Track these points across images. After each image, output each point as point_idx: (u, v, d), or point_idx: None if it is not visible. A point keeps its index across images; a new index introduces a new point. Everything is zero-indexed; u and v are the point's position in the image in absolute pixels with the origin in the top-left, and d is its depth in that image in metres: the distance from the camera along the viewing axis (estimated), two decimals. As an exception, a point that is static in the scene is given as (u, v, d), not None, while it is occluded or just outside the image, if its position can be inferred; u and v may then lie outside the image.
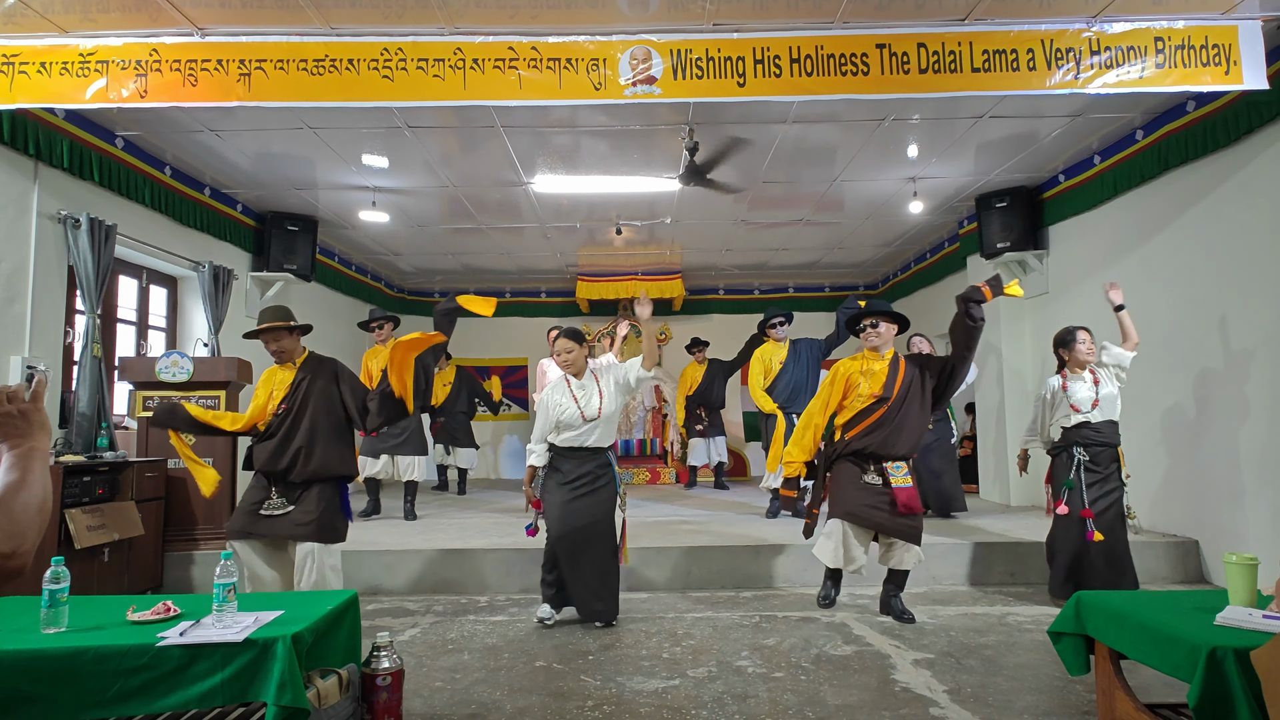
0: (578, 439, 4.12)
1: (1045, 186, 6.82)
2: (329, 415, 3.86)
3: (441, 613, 4.46)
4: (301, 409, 3.80)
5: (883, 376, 4.18)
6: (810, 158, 6.10)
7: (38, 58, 3.98)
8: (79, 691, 2.15)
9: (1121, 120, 5.51)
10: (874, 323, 4.25)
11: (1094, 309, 6.16)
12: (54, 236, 4.86)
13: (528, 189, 6.73)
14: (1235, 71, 4.07)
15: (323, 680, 2.45)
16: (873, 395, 4.16)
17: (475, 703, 3.04)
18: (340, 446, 3.90)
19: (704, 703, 3.01)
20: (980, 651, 3.62)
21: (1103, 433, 4.38)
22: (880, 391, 4.15)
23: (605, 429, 4.18)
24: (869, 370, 4.23)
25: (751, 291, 11.17)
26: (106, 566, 4.41)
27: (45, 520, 1.33)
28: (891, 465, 4.12)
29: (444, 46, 4.00)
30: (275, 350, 3.86)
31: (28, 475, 1.32)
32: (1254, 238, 4.63)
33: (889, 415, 4.13)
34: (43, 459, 1.36)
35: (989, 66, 4.00)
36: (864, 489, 4.13)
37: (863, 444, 4.15)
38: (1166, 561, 5.07)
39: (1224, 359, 4.89)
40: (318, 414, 3.82)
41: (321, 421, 3.82)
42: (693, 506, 7.29)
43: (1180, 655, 2.13)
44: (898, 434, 4.13)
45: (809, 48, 3.98)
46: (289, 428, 3.79)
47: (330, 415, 3.86)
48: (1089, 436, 4.37)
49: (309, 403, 3.82)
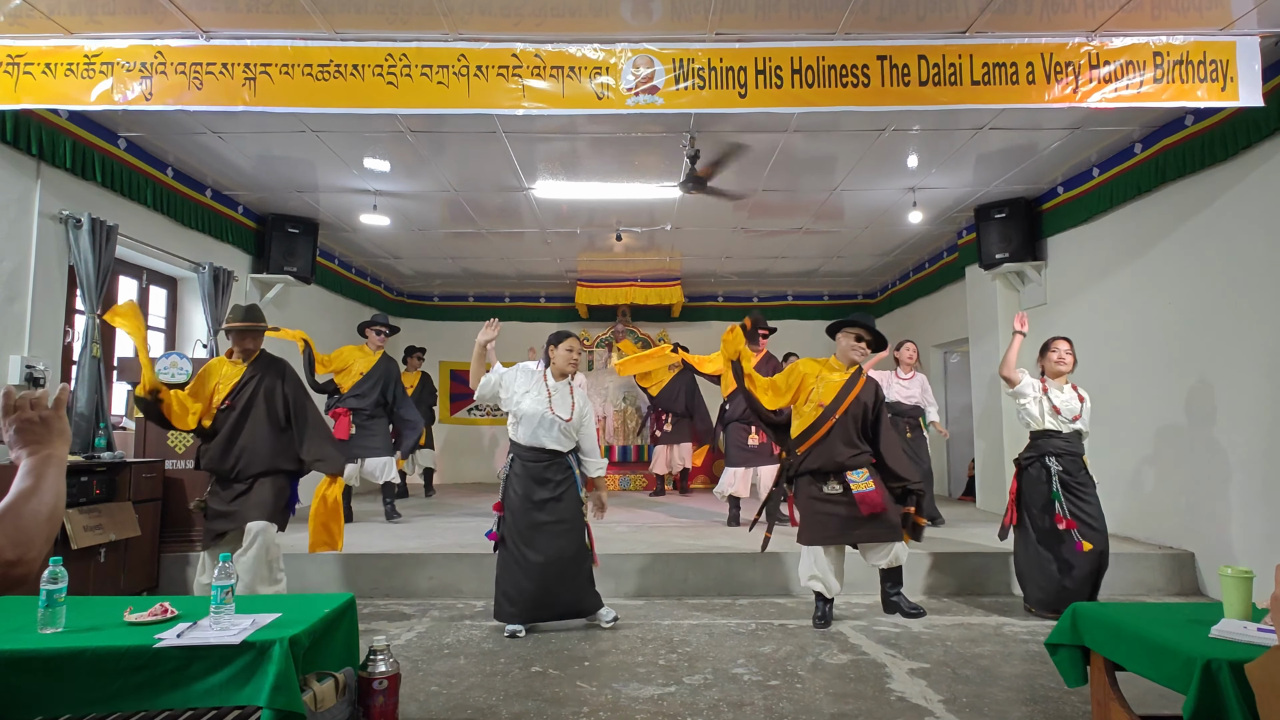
0: (540, 435, 4.08)
1: (1044, 198, 6.85)
2: (273, 415, 3.97)
3: (438, 617, 4.46)
4: (247, 408, 3.91)
5: (836, 388, 4.20)
6: (810, 166, 6.12)
7: (43, 59, 3.99)
8: (76, 691, 2.15)
9: (1121, 133, 5.54)
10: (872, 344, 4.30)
11: (1091, 320, 6.20)
12: (55, 236, 4.87)
13: (529, 194, 6.74)
14: (1232, 88, 4.10)
15: (319, 683, 2.45)
16: (820, 405, 4.16)
17: (471, 708, 3.04)
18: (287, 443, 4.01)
19: (700, 710, 3.01)
20: (976, 661, 3.63)
21: (1071, 443, 4.43)
22: (828, 403, 4.15)
23: (565, 436, 4.16)
24: (825, 378, 4.25)
25: (750, 299, 11.19)
26: (103, 567, 4.40)
27: (55, 529, 1.31)
28: (851, 473, 4.11)
29: (448, 53, 4.01)
30: (246, 349, 3.99)
31: (40, 483, 1.31)
32: (1250, 251, 4.66)
33: (832, 430, 4.15)
34: (58, 467, 1.36)
35: (989, 79, 4.03)
36: (826, 503, 4.14)
37: (815, 461, 4.18)
38: (1162, 574, 5.08)
39: (1219, 371, 4.91)
40: (263, 413, 3.93)
41: (265, 421, 3.93)
42: (687, 513, 7.30)
43: (1175, 667, 2.14)
44: (842, 446, 4.13)
45: (810, 58, 4.00)
46: (233, 426, 3.90)
47: (274, 415, 3.98)
48: (1059, 446, 4.41)
49: (255, 401, 3.93)
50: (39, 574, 1.30)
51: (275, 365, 4.08)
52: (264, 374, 4.00)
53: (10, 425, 1.34)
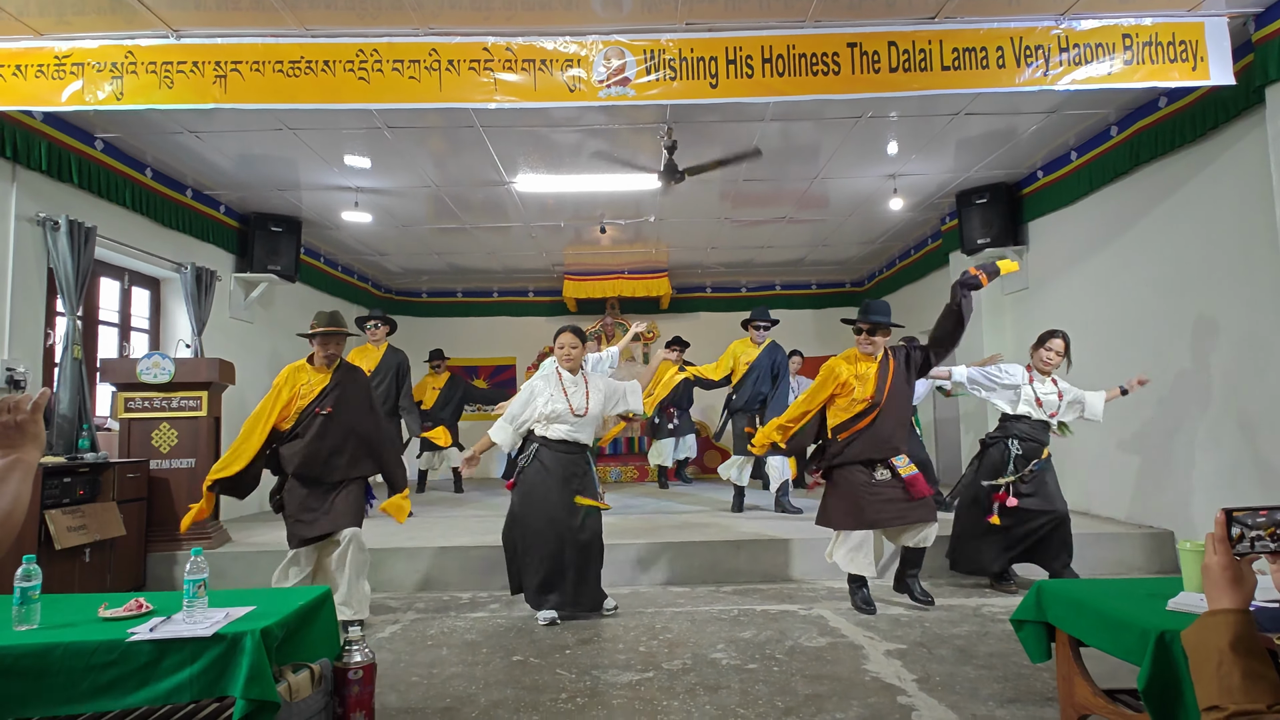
0: (570, 433, 4.18)
1: (1024, 183, 6.88)
2: (362, 421, 4.11)
3: (423, 609, 4.49)
4: (336, 412, 4.01)
5: (873, 379, 4.26)
6: (790, 155, 6.14)
7: (13, 60, 3.99)
8: (50, 687, 2.17)
9: (1097, 116, 5.56)
10: (871, 330, 4.29)
11: (1072, 304, 6.24)
12: (33, 239, 4.87)
13: (510, 188, 6.75)
14: (1202, 67, 4.13)
15: (294, 674, 2.48)
16: (866, 399, 4.22)
17: (450, 696, 3.07)
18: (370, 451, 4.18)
19: (676, 693, 3.05)
20: (952, 642, 3.67)
21: (1037, 429, 4.58)
22: (872, 396, 4.22)
23: (591, 427, 4.25)
24: (862, 375, 4.29)
25: (739, 289, 11.21)
26: (88, 567, 4.42)
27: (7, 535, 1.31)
28: (894, 459, 4.22)
29: (419, 47, 4.02)
30: (331, 354, 4.08)
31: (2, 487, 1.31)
32: (1223, 230, 4.69)
33: (880, 418, 4.22)
34: (24, 471, 1.36)
35: (959, 64, 4.05)
36: (875, 489, 4.21)
37: (860, 449, 4.23)
38: (1142, 552, 5.13)
39: (1198, 351, 4.96)
40: (350, 418, 4.06)
41: (353, 425, 4.07)
42: (675, 502, 7.34)
43: (1132, 640, 2.18)
44: (890, 431, 4.24)
45: (781, 47, 4.02)
46: (321, 429, 3.99)
47: (363, 421, 4.12)
48: (1025, 431, 4.56)
49: (342, 406, 4.04)
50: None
51: (357, 373, 4.26)
52: (349, 381, 4.15)
53: None
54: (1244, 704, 1.19)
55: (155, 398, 5.21)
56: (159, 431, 5.21)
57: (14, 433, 1.37)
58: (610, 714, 2.86)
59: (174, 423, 5.23)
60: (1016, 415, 4.57)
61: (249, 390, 6.49)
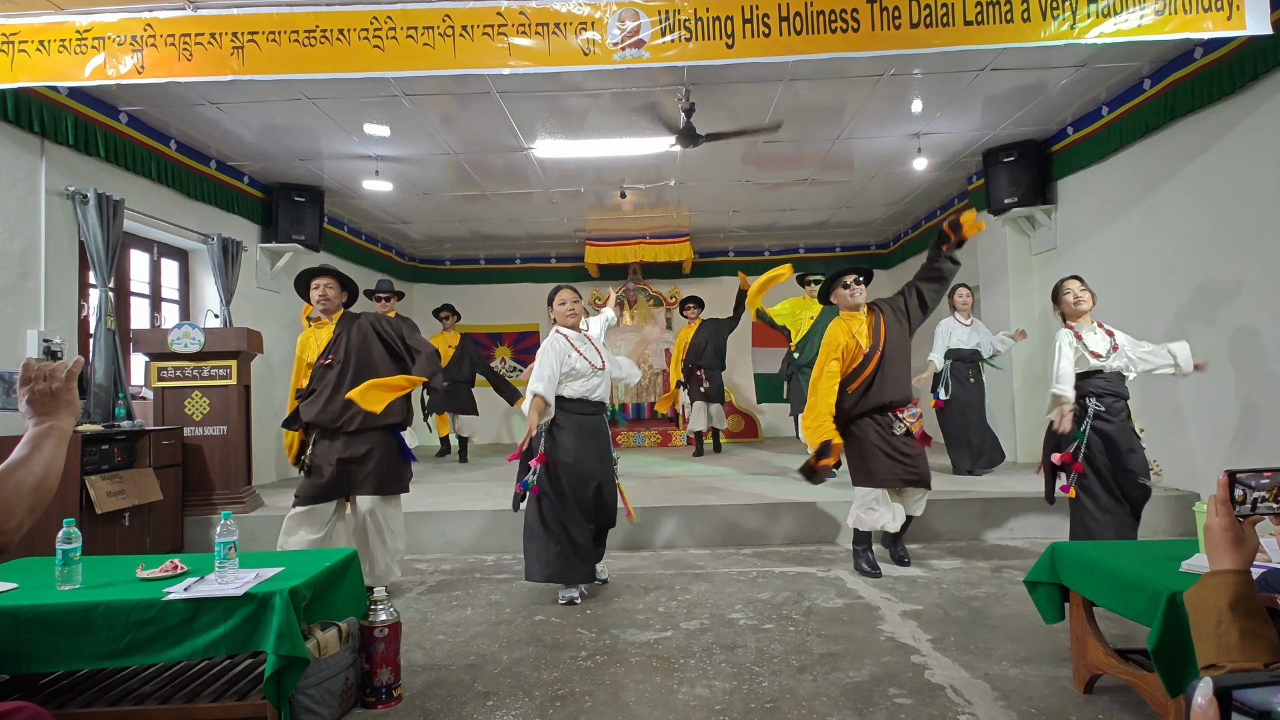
0: (588, 390, 4.04)
1: (1054, 140, 6.70)
2: (373, 365, 4.02)
3: (449, 571, 4.62)
4: (346, 361, 3.98)
5: (867, 331, 4.31)
6: (812, 115, 6.04)
7: (36, 36, 4.03)
8: (92, 643, 2.29)
9: (1129, 69, 5.38)
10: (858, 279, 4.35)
11: (1102, 263, 6.10)
12: (63, 213, 4.97)
13: (529, 154, 6.73)
14: (1238, 16, 3.96)
15: (323, 632, 2.58)
16: (863, 351, 4.27)
17: (474, 654, 3.17)
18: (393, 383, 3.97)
19: (693, 652, 3.12)
20: (969, 603, 3.70)
21: (1113, 383, 4.18)
22: (868, 346, 4.26)
23: (608, 383, 4.22)
24: (857, 331, 4.32)
25: (762, 253, 11.12)
26: (128, 530, 4.59)
27: (41, 500, 1.32)
28: (904, 410, 4.27)
29: (433, 13, 3.99)
30: (320, 299, 4.07)
31: (35, 454, 1.34)
32: (1259, 185, 4.55)
33: (884, 363, 4.25)
34: (59, 438, 1.39)
35: (982, 19, 3.93)
36: (891, 444, 4.23)
37: (869, 399, 4.26)
38: (1167, 515, 5.09)
39: (1228, 310, 4.85)
40: (363, 364, 4.00)
41: (366, 372, 3.97)
42: (698, 465, 7.40)
43: (1143, 601, 2.19)
44: (894, 378, 4.26)
45: (798, 4, 3.92)
46: (332, 379, 3.96)
47: (375, 365, 4.03)
48: (1100, 386, 4.16)
49: (352, 354, 4.00)
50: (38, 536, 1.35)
51: (360, 319, 4.12)
52: (352, 328, 4.07)
53: (24, 395, 1.41)
54: (1241, 662, 1.21)
55: (186, 367, 5.35)
56: (191, 400, 5.36)
57: (49, 400, 1.41)
58: (628, 671, 2.94)
59: (205, 391, 5.37)
60: (1088, 372, 4.17)
61: (276, 359, 6.62)
